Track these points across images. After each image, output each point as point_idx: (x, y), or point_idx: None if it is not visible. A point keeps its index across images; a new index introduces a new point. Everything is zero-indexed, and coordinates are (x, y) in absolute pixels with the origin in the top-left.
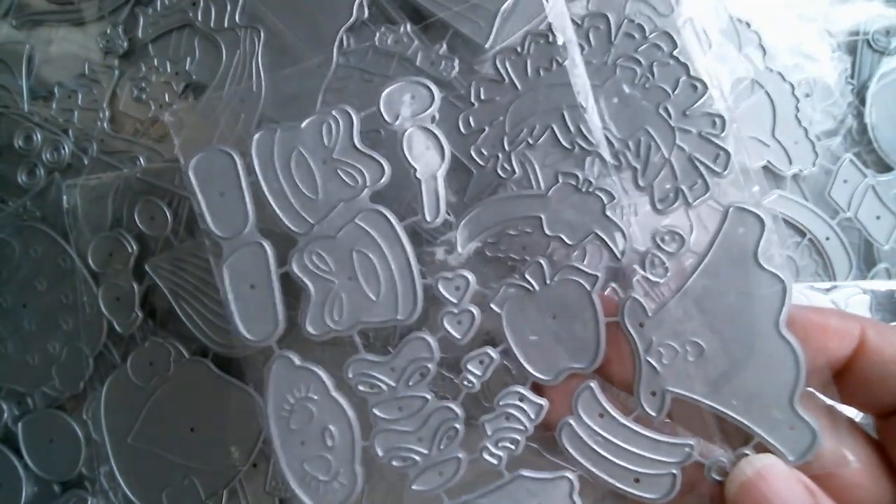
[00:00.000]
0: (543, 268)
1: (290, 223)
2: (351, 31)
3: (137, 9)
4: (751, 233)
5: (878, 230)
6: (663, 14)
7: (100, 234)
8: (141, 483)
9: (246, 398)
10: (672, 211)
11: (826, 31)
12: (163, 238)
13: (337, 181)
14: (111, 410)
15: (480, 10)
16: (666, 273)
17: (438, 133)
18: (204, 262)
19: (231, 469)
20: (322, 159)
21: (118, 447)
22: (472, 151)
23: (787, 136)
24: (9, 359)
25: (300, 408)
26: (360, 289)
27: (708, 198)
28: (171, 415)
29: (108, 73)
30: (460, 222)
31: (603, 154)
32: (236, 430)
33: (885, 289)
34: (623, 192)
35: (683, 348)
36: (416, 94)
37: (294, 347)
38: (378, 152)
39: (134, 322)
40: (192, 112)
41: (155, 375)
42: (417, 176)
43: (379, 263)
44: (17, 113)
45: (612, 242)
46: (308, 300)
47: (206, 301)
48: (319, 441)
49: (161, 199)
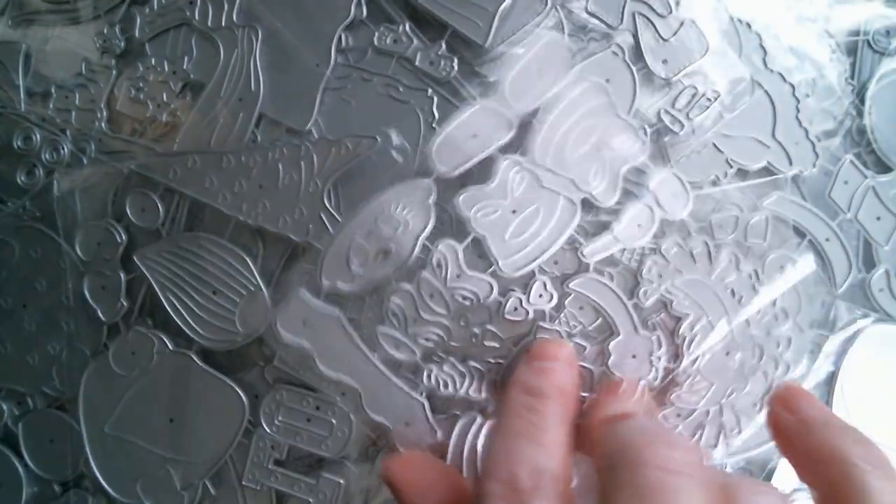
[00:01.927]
0: None
1: None
2: (349, 29)
3: (134, 8)
4: None
5: (879, 231)
6: (662, 15)
7: (89, 223)
8: (116, 472)
9: (228, 392)
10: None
11: (826, 32)
12: (153, 230)
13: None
14: (90, 398)
15: (479, 9)
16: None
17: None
18: (192, 254)
19: (208, 461)
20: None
21: (94, 435)
22: None
23: (787, 137)
24: (9, 359)
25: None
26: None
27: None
28: (150, 405)
29: (105, 73)
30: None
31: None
32: (217, 422)
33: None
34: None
35: None
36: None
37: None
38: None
39: (119, 311)
40: (190, 111)
41: (137, 365)
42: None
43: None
44: (15, 113)
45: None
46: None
47: (193, 294)
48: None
49: (153, 192)
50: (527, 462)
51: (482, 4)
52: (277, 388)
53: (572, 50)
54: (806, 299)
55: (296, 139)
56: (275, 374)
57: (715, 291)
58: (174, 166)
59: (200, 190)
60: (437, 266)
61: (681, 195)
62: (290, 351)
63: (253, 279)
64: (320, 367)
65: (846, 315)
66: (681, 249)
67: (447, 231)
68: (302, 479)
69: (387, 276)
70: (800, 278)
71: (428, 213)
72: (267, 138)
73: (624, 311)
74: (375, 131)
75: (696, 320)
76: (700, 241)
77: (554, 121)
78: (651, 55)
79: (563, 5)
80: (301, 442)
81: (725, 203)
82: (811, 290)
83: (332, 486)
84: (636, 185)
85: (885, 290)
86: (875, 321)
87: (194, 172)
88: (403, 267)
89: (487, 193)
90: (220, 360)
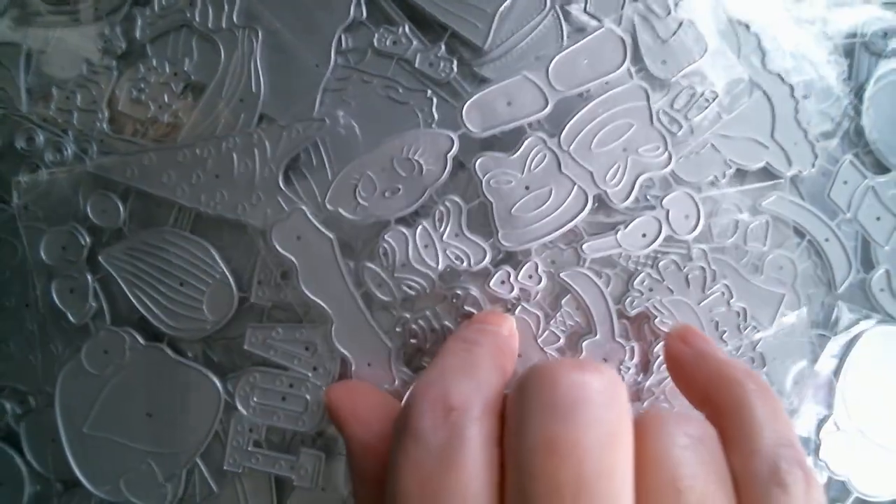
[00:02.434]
0: None
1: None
2: (349, 30)
3: (135, 9)
4: None
5: (878, 231)
6: (661, 16)
7: (53, 228)
8: (98, 471)
9: (203, 380)
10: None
11: (824, 34)
12: (115, 230)
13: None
14: (66, 401)
15: (478, 10)
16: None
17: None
18: (157, 249)
19: (189, 450)
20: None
21: (74, 437)
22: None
23: (786, 138)
24: (11, 358)
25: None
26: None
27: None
28: (127, 401)
29: (106, 74)
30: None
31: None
32: (194, 411)
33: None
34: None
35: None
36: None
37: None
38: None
39: (88, 312)
40: (191, 112)
41: (110, 363)
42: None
43: None
44: (17, 114)
45: None
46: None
47: (160, 287)
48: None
49: (113, 192)
50: (459, 387)
51: (481, 6)
52: (250, 371)
53: (627, 46)
54: (793, 353)
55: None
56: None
57: (700, 319)
58: (131, 165)
59: (158, 186)
60: (438, 219)
61: (692, 217)
62: (276, 259)
63: (217, 267)
64: (301, 285)
65: (848, 316)
66: (678, 270)
67: (458, 189)
68: (282, 457)
69: (388, 214)
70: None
71: (444, 165)
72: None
73: (606, 314)
74: (375, 132)
75: None
76: (698, 266)
77: (589, 111)
78: (650, 56)
79: (562, 6)
80: (278, 421)
81: (724, 204)
82: (811, 291)
83: (313, 461)
84: (651, 195)
85: (886, 290)
86: (877, 323)
87: (151, 169)
88: (406, 211)
89: (506, 163)
90: (192, 349)
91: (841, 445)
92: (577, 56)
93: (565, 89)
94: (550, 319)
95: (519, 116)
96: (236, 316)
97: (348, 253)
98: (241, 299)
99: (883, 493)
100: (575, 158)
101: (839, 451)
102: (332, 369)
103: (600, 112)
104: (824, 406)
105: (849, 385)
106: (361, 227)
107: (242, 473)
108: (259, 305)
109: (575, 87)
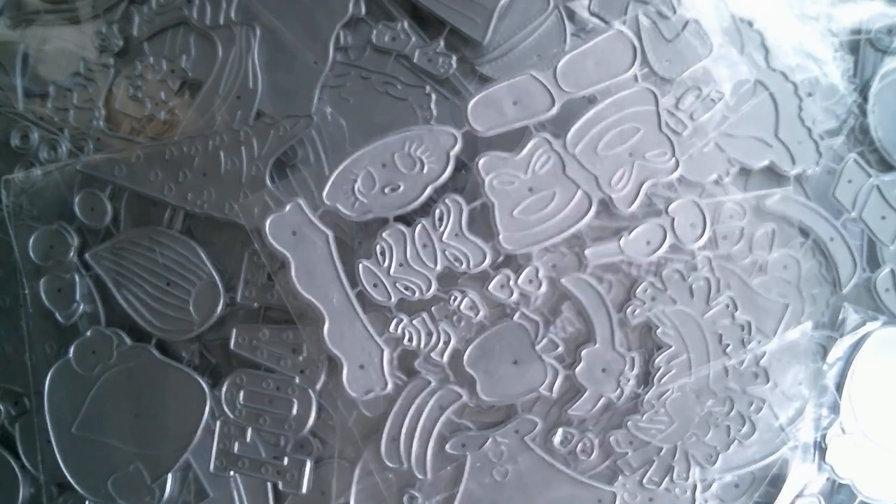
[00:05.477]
0: None
1: None
2: (348, 27)
3: (132, 7)
4: None
5: (883, 230)
6: (665, 15)
7: (41, 228)
8: (86, 472)
9: (189, 382)
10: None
11: (828, 31)
12: (103, 229)
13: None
14: (55, 401)
15: (477, 7)
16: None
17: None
18: (144, 249)
19: (176, 452)
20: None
21: (62, 437)
22: None
23: (790, 136)
24: (6, 359)
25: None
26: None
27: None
28: (115, 402)
29: (103, 72)
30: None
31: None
32: (180, 412)
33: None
34: None
35: None
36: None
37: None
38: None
39: (75, 312)
40: (188, 109)
41: (98, 364)
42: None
43: None
44: (13, 112)
45: None
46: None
47: (147, 288)
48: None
49: (101, 191)
50: None
51: (481, 2)
52: (237, 373)
53: (637, 49)
54: (799, 357)
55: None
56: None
57: (703, 331)
58: (119, 163)
59: (146, 184)
60: (437, 218)
61: (698, 226)
62: (269, 255)
63: (205, 267)
64: (295, 282)
65: (854, 317)
66: (682, 280)
67: (459, 187)
68: (269, 462)
69: (387, 211)
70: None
71: (446, 163)
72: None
73: (607, 322)
74: (373, 129)
75: (676, 354)
76: (702, 276)
77: (596, 113)
78: (655, 56)
79: (565, 5)
80: (265, 425)
81: (727, 203)
82: (815, 291)
83: (298, 465)
84: (657, 202)
85: (891, 290)
86: (884, 325)
87: (138, 167)
88: (406, 208)
89: (510, 163)
90: (178, 350)
91: (847, 449)
92: (586, 57)
93: (573, 90)
94: (550, 326)
95: (525, 116)
96: (230, 316)
97: (344, 250)
98: (230, 300)
99: (888, 497)
100: (580, 161)
101: (845, 455)
102: (320, 373)
103: (607, 115)
104: (830, 409)
105: (855, 388)
106: (359, 223)
107: (237, 476)
108: (254, 306)
109: (582, 88)
